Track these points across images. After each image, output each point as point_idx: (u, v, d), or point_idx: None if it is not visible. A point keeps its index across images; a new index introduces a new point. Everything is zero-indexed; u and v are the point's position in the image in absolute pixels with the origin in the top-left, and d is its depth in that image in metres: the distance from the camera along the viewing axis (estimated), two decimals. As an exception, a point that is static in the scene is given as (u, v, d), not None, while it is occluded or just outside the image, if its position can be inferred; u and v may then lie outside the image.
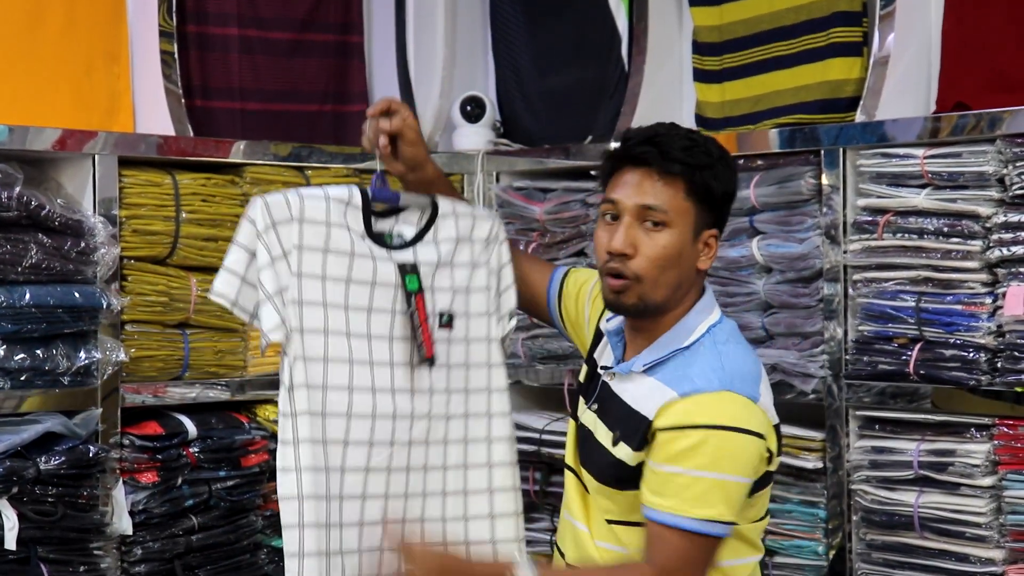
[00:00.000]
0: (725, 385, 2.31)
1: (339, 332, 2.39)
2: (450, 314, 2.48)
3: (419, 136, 2.52)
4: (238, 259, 2.35)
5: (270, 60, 3.65)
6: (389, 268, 2.42)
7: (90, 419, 2.97)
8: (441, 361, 2.46)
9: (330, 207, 2.39)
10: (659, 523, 2.27)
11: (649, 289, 2.35)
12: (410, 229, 2.47)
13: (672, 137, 2.37)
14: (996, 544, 2.76)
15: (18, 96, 3.15)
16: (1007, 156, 2.74)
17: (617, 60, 3.67)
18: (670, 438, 2.28)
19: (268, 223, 2.35)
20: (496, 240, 2.55)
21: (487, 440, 2.52)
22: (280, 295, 2.35)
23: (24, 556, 2.83)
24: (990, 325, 2.78)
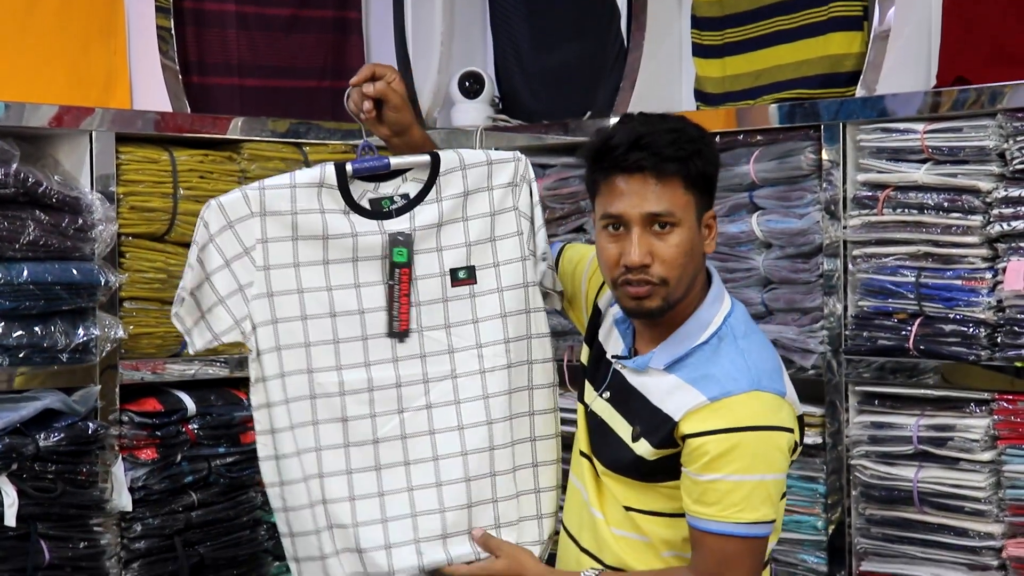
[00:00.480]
0: (753, 384, 2.29)
1: (321, 315, 2.41)
2: (469, 268, 2.46)
3: (404, 101, 2.51)
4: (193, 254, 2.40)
5: (267, 36, 3.64)
6: (377, 241, 2.41)
7: (89, 396, 2.97)
8: (465, 318, 2.45)
9: (295, 195, 2.39)
10: (704, 531, 2.26)
11: (673, 290, 2.32)
12: (417, 187, 2.45)
13: (656, 134, 2.31)
14: (995, 518, 2.77)
15: (15, 72, 3.15)
16: (1007, 131, 2.73)
17: (616, 35, 3.67)
18: (703, 444, 2.25)
19: (223, 223, 2.38)
20: (524, 181, 2.49)
21: (528, 388, 2.49)
22: (240, 293, 2.38)
23: (24, 533, 2.84)
24: (990, 300, 2.78)
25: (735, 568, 2.27)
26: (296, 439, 2.40)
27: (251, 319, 2.39)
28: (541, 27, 3.88)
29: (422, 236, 2.43)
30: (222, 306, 2.39)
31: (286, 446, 2.41)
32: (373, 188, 2.44)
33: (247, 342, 2.40)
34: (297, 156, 3.34)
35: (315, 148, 3.37)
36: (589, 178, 2.40)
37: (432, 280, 2.45)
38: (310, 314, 2.40)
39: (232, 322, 2.39)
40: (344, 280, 2.42)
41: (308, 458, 2.40)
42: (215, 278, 2.39)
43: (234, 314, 2.39)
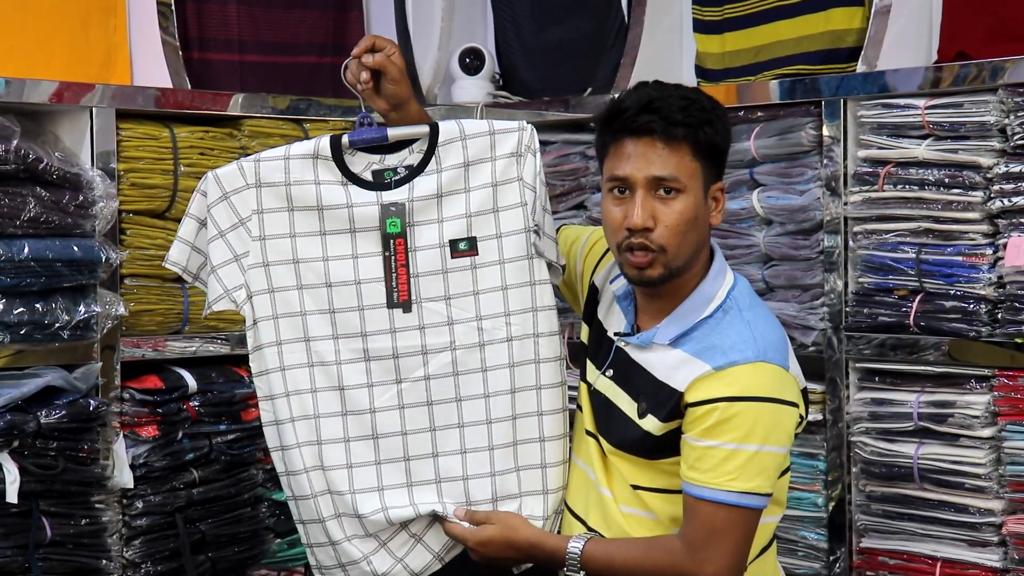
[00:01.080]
0: (759, 355, 2.29)
1: (317, 285, 2.44)
2: (470, 239, 2.45)
3: (402, 74, 2.51)
4: (189, 229, 2.47)
5: (268, 12, 3.63)
6: (373, 212, 2.43)
7: (90, 373, 2.97)
8: (465, 290, 2.45)
9: (289, 166, 2.42)
10: (696, 497, 2.27)
11: (673, 258, 2.32)
12: (420, 159, 2.45)
13: (668, 99, 2.32)
14: (995, 495, 2.77)
15: (15, 49, 3.14)
16: (1008, 106, 2.73)
17: (617, 11, 3.65)
18: (706, 412, 2.27)
19: (220, 194, 2.42)
20: (528, 151, 2.46)
21: (535, 362, 2.47)
22: (236, 263, 2.42)
23: (26, 510, 2.84)
24: (991, 276, 2.77)
25: (723, 538, 2.26)
26: (292, 405, 2.44)
27: (247, 288, 2.42)
28: (542, 3, 3.86)
29: (421, 207, 2.43)
30: (214, 275, 2.42)
31: (283, 412, 2.44)
32: (379, 160, 2.45)
33: (240, 310, 2.43)
34: (298, 133, 3.34)
35: (316, 125, 3.37)
36: (599, 142, 2.40)
37: (431, 251, 2.44)
38: (306, 284, 2.43)
39: (222, 290, 2.43)
40: (341, 251, 2.43)
41: (305, 424, 2.44)
42: (211, 248, 2.42)
43: (224, 283, 2.43)
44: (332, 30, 3.74)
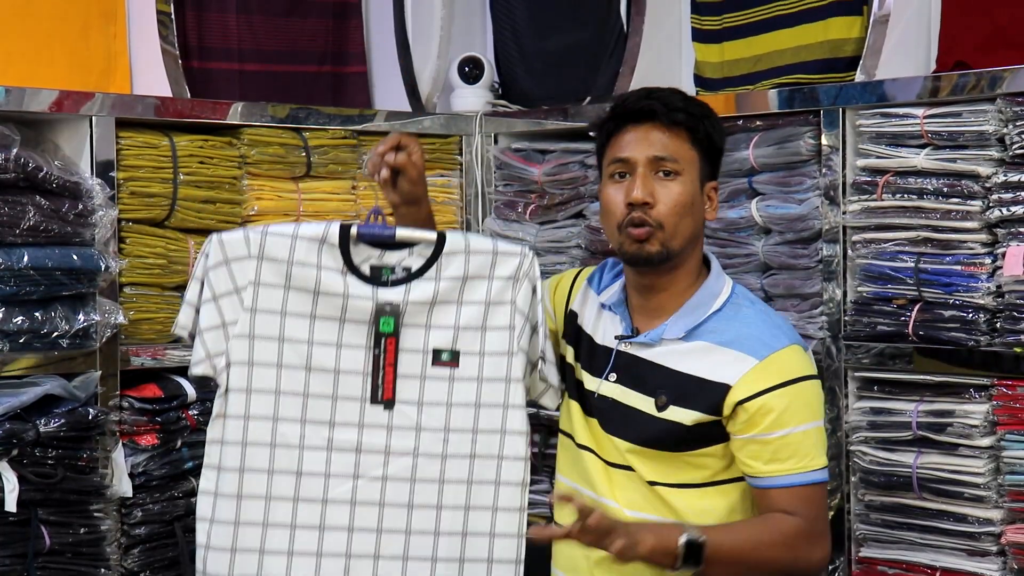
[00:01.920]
0: (790, 339, 2.43)
1: (296, 366, 2.42)
2: (453, 351, 2.44)
3: (422, 176, 2.55)
4: (193, 292, 2.43)
5: (268, 20, 3.64)
6: (366, 306, 2.42)
7: (89, 382, 2.97)
8: (439, 399, 2.44)
9: (295, 245, 2.41)
10: (789, 486, 2.36)
11: (670, 236, 2.41)
12: (420, 263, 2.45)
13: (668, 92, 2.46)
14: (995, 504, 2.77)
15: (14, 57, 3.15)
16: (1007, 115, 2.73)
17: (616, 20, 3.66)
18: (764, 404, 2.36)
19: (221, 259, 2.40)
20: (525, 277, 2.47)
21: (495, 483, 2.45)
22: (222, 329, 2.40)
23: (25, 518, 2.84)
24: (989, 286, 2.77)
25: (823, 517, 2.42)
26: (244, 483, 2.40)
27: (227, 356, 2.40)
28: (541, 12, 3.87)
29: (413, 311, 2.43)
30: (200, 338, 2.41)
31: (229, 486, 2.40)
32: (378, 256, 2.44)
33: (216, 377, 2.41)
34: (297, 141, 3.34)
35: (315, 133, 3.37)
36: (600, 139, 2.50)
37: (414, 355, 2.44)
38: (286, 363, 2.41)
39: (204, 355, 2.40)
40: (327, 337, 2.42)
41: (253, 504, 2.40)
42: (202, 311, 2.41)
43: (208, 348, 2.40)
44: (331, 39, 3.75)
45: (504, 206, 3.65)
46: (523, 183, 3.61)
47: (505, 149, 3.67)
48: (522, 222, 3.60)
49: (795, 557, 2.38)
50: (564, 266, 3.48)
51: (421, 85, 3.77)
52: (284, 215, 3.31)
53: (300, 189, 3.35)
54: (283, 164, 3.31)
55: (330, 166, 3.39)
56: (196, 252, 3.14)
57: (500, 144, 3.70)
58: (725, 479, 2.45)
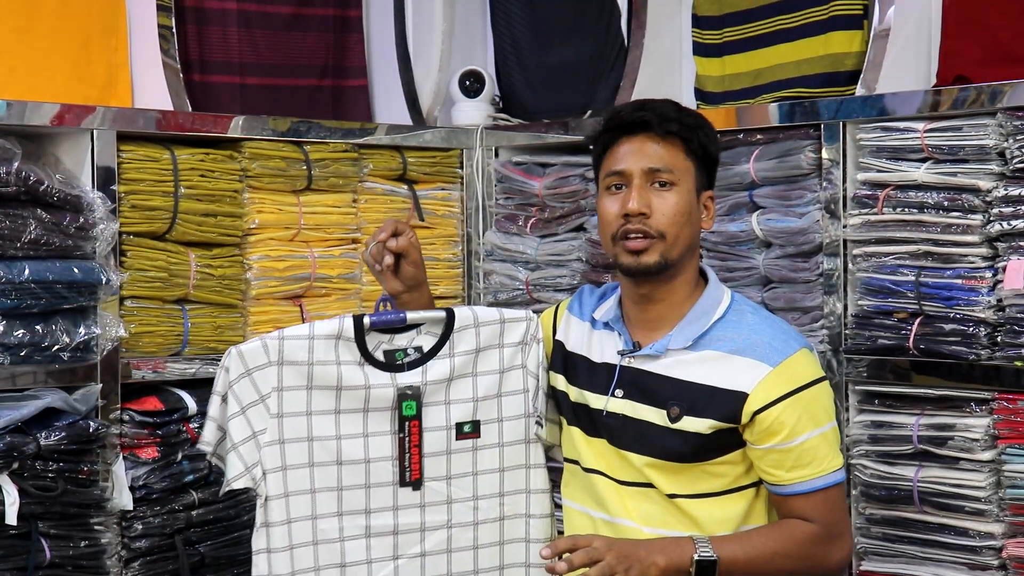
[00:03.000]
0: (800, 343, 2.44)
1: (328, 463, 2.46)
2: (474, 422, 2.52)
3: (421, 258, 2.61)
4: (216, 408, 2.45)
5: (269, 34, 3.64)
6: (388, 393, 2.47)
7: (90, 395, 2.97)
8: (465, 470, 2.52)
9: (313, 346, 2.44)
10: (811, 491, 2.38)
11: (670, 246, 2.42)
12: (431, 341, 2.50)
13: (661, 103, 2.47)
14: (996, 518, 2.77)
15: (16, 71, 3.15)
16: (1007, 129, 2.73)
17: (616, 34, 3.67)
18: (779, 413, 2.36)
19: (243, 371, 2.42)
20: (533, 340, 2.56)
21: (525, 541, 2.55)
22: (253, 440, 2.42)
23: (25, 531, 2.84)
24: (990, 299, 2.78)
25: (843, 517, 2.44)
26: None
27: (261, 465, 2.43)
28: (541, 25, 3.88)
29: (433, 390, 2.49)
30: (235, 452, 2.42)
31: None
32: (388, 340, 2.49)
33: (256, 488, 2.43)
34: (298, 155, 3.34)
35: (316, 147, 3.38)
36: (596, 149, 2.52)
37: (438, 432, 2.50)
38: (317, 461, 2.45)
39: (243, 468, 2.42)
40: (353, 430, 2.47)
41: None
42: (231, 424, 2.42)
43: (245, 460, 2.42)
44: (333, 53, 3.76)
45: (505, 219, 3.65)
46: (524, 196, 3.62)
47: (506, 162, 3.67)
48: (523, 235, 3.61)
49: (812, 564, 2.40)
50: (564, 279, 3.48)
51: (422, 98, 3.78)
52: (285, 228, 3.32)
53: (301, 202, 3.35)
54: (284, 177, 3.32)
55: (331, 179, 3.39)
56: (197, 265, 3.15)
57: (501, 157, 3.71)
58: (743, 485, 2.46)
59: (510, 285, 3.62)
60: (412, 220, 3.56)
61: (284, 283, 3.32)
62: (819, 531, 2.39)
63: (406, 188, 3.56)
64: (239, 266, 3.26)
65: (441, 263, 3.65)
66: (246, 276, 3.26)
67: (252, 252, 3.27)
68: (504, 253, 3.64)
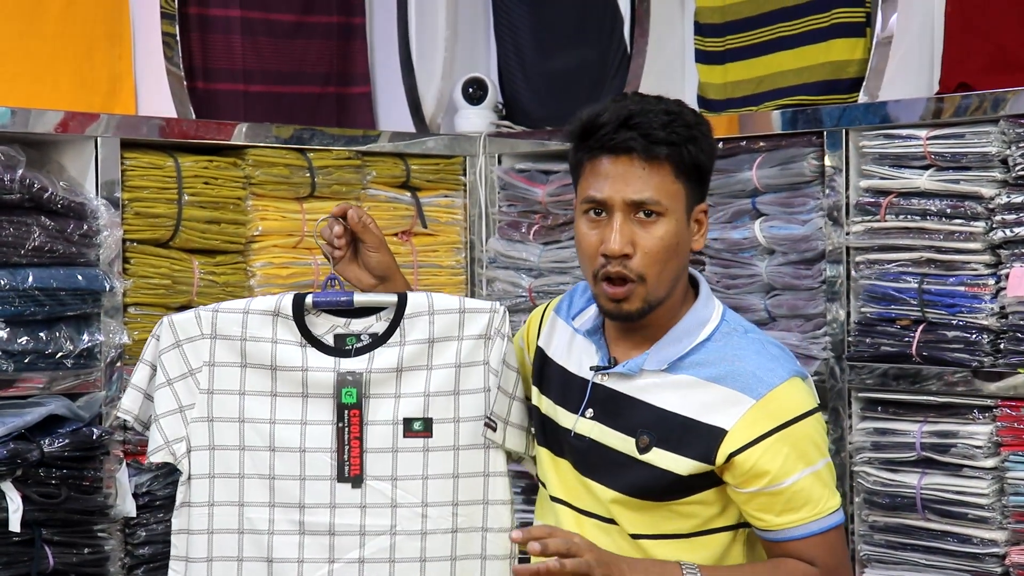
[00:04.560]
0: (789, 371, 2.20)
1: (260, 448, 2.31)
2: (425, 420, 2.31)
3: (383, 242, 2.42)
4: (142, 376, 2.34)
5: (272, 41, 3.65)
6: (328, 378, 2.30)
7: (93, 402, 2.97)
8: (414, 472, 2.31)
9: (247, 321, 2.31)
10: (803, 537, 2.16)
11: (653, 288, 2.18)
12: (384, 327, 2.33)
13: (648, 114, 2.17)
14: (999, 525, 2.76)
15: (19, 78, 3.15)
16: (1010, 137, 2.73)
17: (619, 41, 3.67)
18: (762, 454, 2.14)
19: (173, 341, 2.31)
20: (497, 334, 2.32)
21: (480, 558, 2.33)
22: (180, 414, 2.31)
23: (28, 538, 2.84)
24: (993, 306, 2.78)
25: (844, 557, 2.21)
26: (213, 573, 2.31)
27: (188, 441, 2.31)
28: (545, 33, 3.88)
29: (379, 379, 2.31)
30: (156, 424, 2.31)
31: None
32: (344, 324, 2.33)
33: (178, 464, 2.32)
34: (301, 162, 3.35)
35: (319, 154, 3.38)
36: (573, 159, 2.25)
37: (383, 427, 2.31)
38: (248, 445, 2.31)
39: (162, 441, 2.31)
40: (290, 415, 2.31)
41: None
42: (156, 395, 2.32)
43: (166, 434, 2.31)
44: (336, 60, 3.76)
45: (508, 226, 3.66)
46: (527, 203, 3.62)
47: (509, 169, 3.68)
48: (526, 242, 3.61)
49: None
50: (567, 286, 3.47)
51: (425, 106, 3.78)
52: (288, 235, 3.32)
53: (304, 209, 3.35)
54: (287, 184, 3.32)
55: (334, 186, 3.40)
56: (200, 272, 3.16)
57: (504, 164, 3.71)
58: (716, 528, 2.24)
59: (513, 292, 3.62)
60: (415, 227, 3.56)
61: (287, 290, 3.32)
62: (820, 574, 2.17)
63: (409, 195, 3.56)
64: (242, 273, 3.26)
65: (444, 270, 3.65)
66: (249, 283, 3.26)
67: (255, 259, 3.28)
68: (507, 260, 3.65)
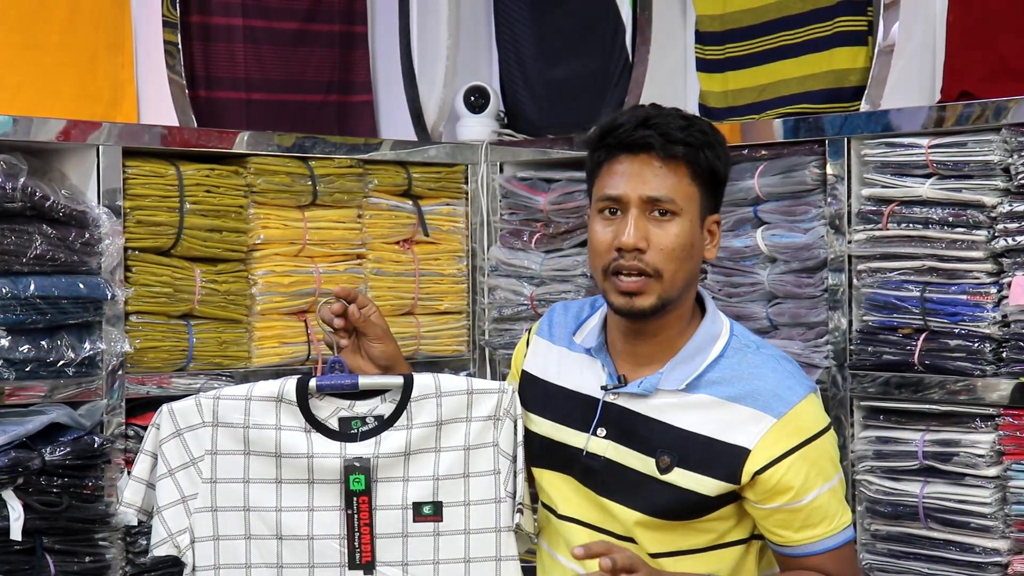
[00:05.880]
0: (807, 388, 2.23)
1: (266, 536, 2.29)
2: (435, 504, 2.28)
3: (387, 331, 2.40)
4: (143, 467, 2.30)
5: (274, 50, 3.65)
6: (334, 464, 2.27)
7: (95, 410, 2.97)
8: (425, 557, 2.28)
9: (250, 408, 2.28)
10: (820, 552, 2.20)
11: (668, 286, 2.18)
12: (391, 409, 2.30)
13: (667, 117, 2.20)
14: (1001, 534, 2.76)
15: (22, 86, 3.16)
16: (1012, 145, 2.73)
17: (621, 50, 3.67)
18: (785, 472, 2.16)
19: (173, 430, 2.29)
20: (507, 415, 2.29)
21: None
22: (183, 504, 2.27)
23: (30, 547, 2.84)
24: (995, 315, 2.77)
25: (856, 570, 2.26)
26: None
27: (191, 532, 2.27)
28: (546, 41, 3.88)
29: (387, 464, 2.28)
30: (159, 517, 2.28)
31: None
32: (348, 406, 2.30)
33: (182, 557, 2.28)
34: (303, 170, 3.35)
35: (321, 162, 3.38)
36: (590, 162, 2.26)
37: (392, 512, 2.28)
38: (255, 534, 2.28)
39: (166, 534, 2.27)
40: (296, 502, 2.28)
41: None
42: (158, 487, 2.28)
43: (169, 527, 2.27)
44: (338, 68, 3.77)
45: (510, 235, 3.66)
46: (529, 212, 3.62)
47: (511, 178, 3.68)
48: (527, 251, 3.61)
49: None
50: (569, 295, 3.48)
51: (427, 114, 3.79)
52: (290, 243, 3.32)
53: (306, 218, 3.35)
54: (289, 193, 3.32)
55: (336, 195, 3.40)
56: (202, 280, 3.16)
57: (506, 173, 3.71)
58: (731, 541, 2.26)
59: (515, 300, 3.62)
60: (417, 236, 3.56)
61: (289, 298, 3.33)
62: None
63: (411, 204, 3.57)
64: (244, 281, 3.26)
65: (446, 278, 3.65)
66: (251, 291, 3.26)
67: (257, 267, 3.28)
68: (509, 268, 3.65)
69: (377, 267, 3.49)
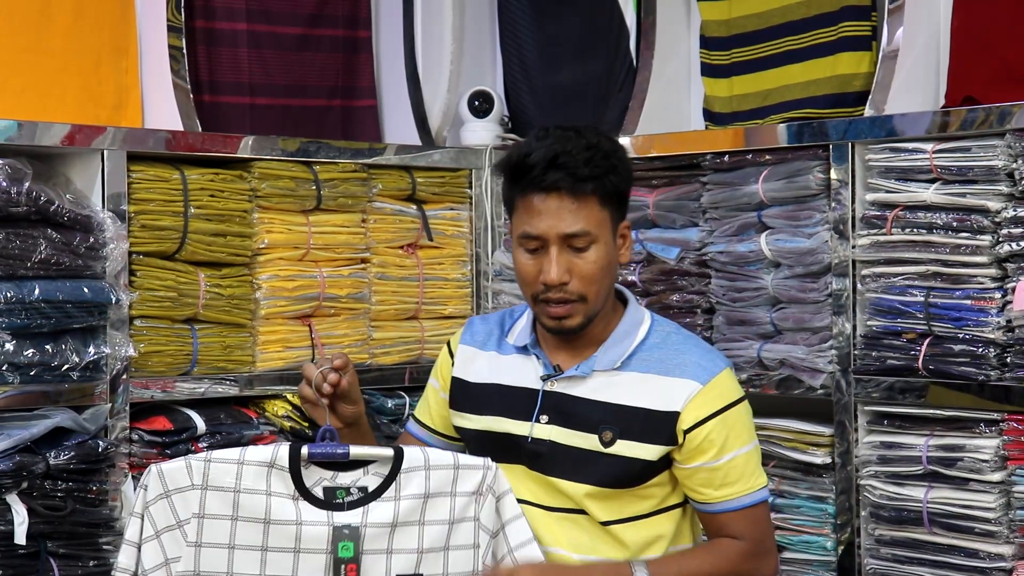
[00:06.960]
0: (725, 362, 2.47)
1: None
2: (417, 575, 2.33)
3: (360, 397, 2.54)
4: (133, 530, 2.31)
5: (278, 55, 3.66)
6: (322, 533, 2.28)
7: (99, 414, 2.97)
8: None
9: (242, 472, 2.29)
10: (738, 509, 2.42)
11: (593, 304, 2.41)
12: (376, 481, 2.33)
13: (572, 153, 2.36)
14: (1005, 540, 2.76)
15: (27, 91, 3.16)
16: (1016, 150, 2.73)
17: (625, 54, 3.68)
18: (708, 432, 2.39)
19: (161, 492, 2.28)
20: (489, 491, 2.37)
21: None
22: (164, 568, 2.27)
23: (34, 551, 2.84)
24: (999, 320, 2.77)
25: (769, 534, 2.49)
26: None
27: None
28: (550, 46, 3.89)
29: (373, 534, 2.31)
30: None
31: None
32: (331, 477, 2.33)
33: None
34: (307, 175, 3.35)
35: (325, 167, 3.38)
36: (506, 194, 2.46)
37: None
38: None
39: None
40: (281, 571, 2.28)
41: None
42: (144, 549, 2.29)
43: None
44: (342, 73, 3.77)
45: (513, 239, 3.66)
46: (532, 216, 3.61)
47: (514, 182, 3.67)
48: (531, 255, 3.61)
49: None
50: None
51: (431, 119, 3.79)
52: (294, 248, 3.32)
53: (310, 222, 3.36)
54: (293, 197, 3.32)
55: (340, 199, 3.40)
56: (206, 285, 3.16)
57: (509, 177, 3.71)
58: (671, 505, 2.48)
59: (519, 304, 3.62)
60: (421, 240, 3.56)
61: (293, 303, 3.33)
62: (749, 548, 2.43)
63: (415, 208, 3.57)
64: (248, 286, 3.26)
65: (450, 283, 3.65)
66: (255, 296, 3.27)
67: (261, 272, 3.28)
68: (513, 273, 3.64)
69: (381, 271, 3.49)
